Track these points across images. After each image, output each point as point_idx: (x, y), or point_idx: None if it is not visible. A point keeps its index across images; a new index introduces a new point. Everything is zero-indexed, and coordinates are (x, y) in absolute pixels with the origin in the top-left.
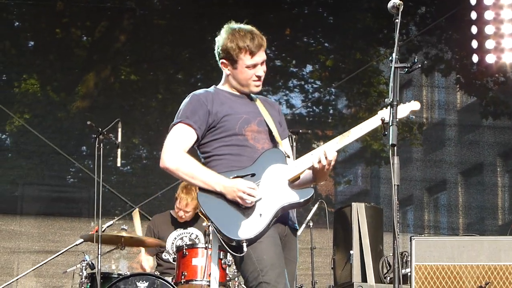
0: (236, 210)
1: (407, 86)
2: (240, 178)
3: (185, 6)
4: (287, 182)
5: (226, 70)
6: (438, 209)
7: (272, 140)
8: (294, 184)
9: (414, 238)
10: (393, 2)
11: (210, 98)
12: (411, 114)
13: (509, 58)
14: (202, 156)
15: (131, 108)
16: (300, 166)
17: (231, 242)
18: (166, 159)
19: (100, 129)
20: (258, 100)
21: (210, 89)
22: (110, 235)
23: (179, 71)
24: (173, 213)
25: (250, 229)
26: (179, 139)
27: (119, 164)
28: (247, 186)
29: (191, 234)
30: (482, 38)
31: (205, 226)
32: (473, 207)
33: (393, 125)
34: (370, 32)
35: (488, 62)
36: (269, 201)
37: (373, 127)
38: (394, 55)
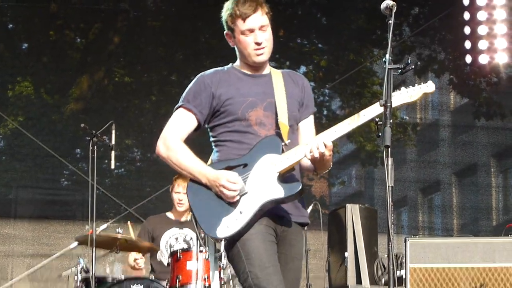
0: (220, 204)
1: (401, 87)
2: (230, 168)
3: (179, 7)
4: (277, 175)
5: (231, 43)
6: (432, 210)
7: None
8: (287, 175)
9: (408, 239)
10: (386, 3)
11: (217, 79)
12: (425, 97)
13: (502, 59)
14: (211, 140)
15: (125, 110)
16: (292, 157)
17: (210, 238)
18: (159, 146)
19: (94, 131)
20: (280, 75)
21: (223, 68)
22: (105, 237)
23: (173, 73)
24: (169, 214)
25: (228, 226)
26: (177, 125)
27: (113, 166)
28: (228, 179)
29: (186, 235)
30: (475, 39)
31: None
32: (467, 208)
33: (387, 126)
34: (363, 33)
35: (481, 63)
36: (252, 197)
37: (372, 115)
38: (387, 56)
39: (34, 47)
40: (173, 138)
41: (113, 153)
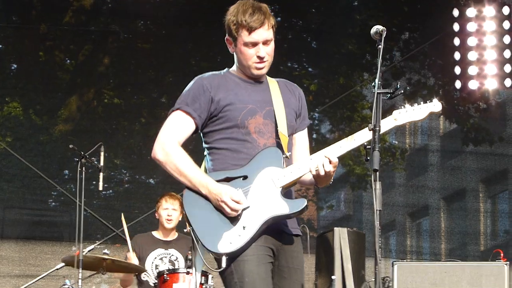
0: (220, 218)
1: (390, 111)
2: (229, 180)
3: (169, 30)
4: (279, 190)
5: (230, 50)
6: (420, 234)
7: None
8: (289, 189)
9: (396, 263)
10: (376, 28)
11: (216, 83)
12: (430, 116)
13: (491, 85)
14: (204, 146)
15: (114, 131)
16: (296, 172)
17: (210, 253)
18: (157, 150)
19: (82, 152)
20: (276, 84)
21: (220, 72)
22: (92, 258)
23: (163, 95)
24: (154, 233)
25: (231, 242)
26: (175, 129)
27: (101, 188)
28: (232, 197)
29: (171, 255)
30: (465, 65)
31: (187, 252)
32: (455, 233)
33: (375, 150)
34: (353, 57)
35: (470, 88)
36: (255, 211)
37: (385, 130)
38: (376, 81)
39: (24, 68)
40: (171, 143)
41: (101, 174)
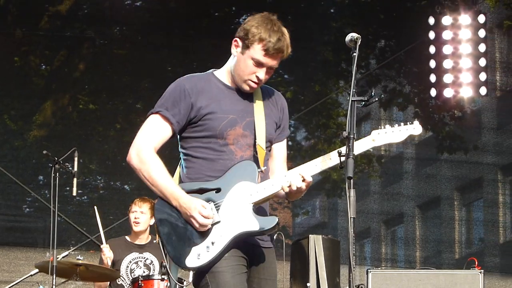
0: (190, 232)
1: (365, 119)
2: (203, 191)
3: (145, 36)
4: (251, 206)
5: (234, 51)
6: (395, 242)
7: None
8: (261, 205)
9: (370, 271)
10: (350, 36)
11: (199, 88)
12: (410, 139)
13: (466, 93)
14: (181, 151)
15: (89, 137)
16: (269, 189)
17: (178, 266)
18: (132, 156)
19: (56, 158)
20: (259, 93)
21: (205, 74)
22: (65, 264)
23: (138, 101)
24: (128, 238)
25: (199, 257)
26: (152, 134)
27: (75, 193)
28: (201, 212)
29: (146, 259)
30: (440, 73)
31: (161, 256)
32: (430, 241)
33: (350, 158)
34: (329, 64)
35: (446, 96)
36: (226, 227)
37: (362, 150)
38: (351, 88)
39: None
40: (146, 150)
41: (75, 180)
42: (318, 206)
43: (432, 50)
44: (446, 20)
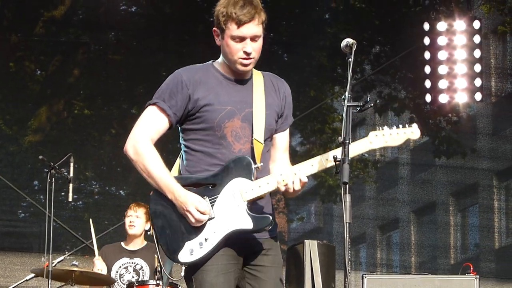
0: (184, 226)
1: (361, 124)
2: (199, 185)
3: (140, 41)
4: (246, 204)
5: (217, 41)
6: (390, 247)
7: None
8: (256, 203)
9: (366, 276)
10: (346, 41)
11: (196, 79)
12: (409, 143)
13: (461, 98)
14: (182, 142)
15: (84, 142)
16: (264, 187)
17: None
18: (129, 147)
19: (52, 163)
20: (261, 80)
21: (204, 65)
22: (61, 269)
23: (133, 106)
24: (123, 244)
25: (192, 253)
26: (149, 126)
27: (71, 199)
28: (197, 207)
29: (136, 264)
30: (435, 78)
31: (153, 260)
32: (425, 246)
33: (345, 163)
34: (324, 70)
35: (441, 102)
36: (219, 223)
37: (359, 152)
38: (346, 94)
39: None
40: (143, 141)
41: (71, 185)
42: (313, 212)
43: (427, 55)
44: (441, 26)
